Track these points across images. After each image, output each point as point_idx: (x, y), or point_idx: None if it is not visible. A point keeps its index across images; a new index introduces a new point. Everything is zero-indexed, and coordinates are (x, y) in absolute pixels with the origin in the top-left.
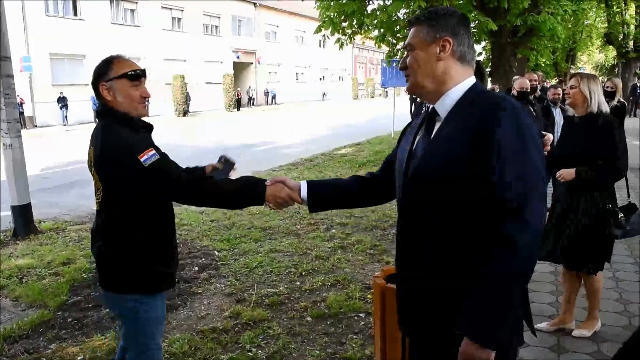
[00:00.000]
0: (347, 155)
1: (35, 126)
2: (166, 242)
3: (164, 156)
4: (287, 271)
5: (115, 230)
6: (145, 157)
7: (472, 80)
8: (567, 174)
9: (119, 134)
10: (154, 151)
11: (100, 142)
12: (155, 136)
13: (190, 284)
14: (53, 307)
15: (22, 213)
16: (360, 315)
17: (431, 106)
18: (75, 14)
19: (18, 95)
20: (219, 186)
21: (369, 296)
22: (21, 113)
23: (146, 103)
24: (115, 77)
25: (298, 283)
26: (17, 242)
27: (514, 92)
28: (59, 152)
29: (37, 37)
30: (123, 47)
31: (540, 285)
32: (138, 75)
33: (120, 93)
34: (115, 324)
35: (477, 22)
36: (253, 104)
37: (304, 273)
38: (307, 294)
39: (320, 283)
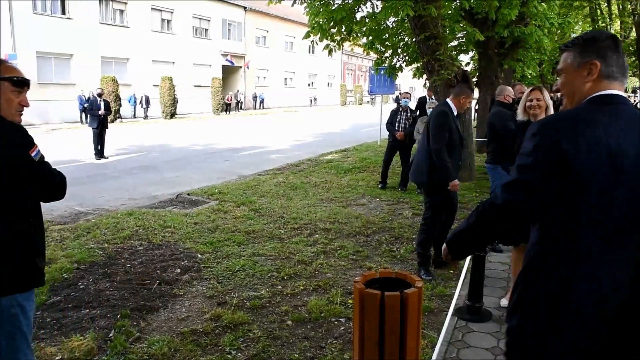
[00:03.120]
0: (333, 161)
1: None
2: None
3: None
4: (269, 275)
5: None
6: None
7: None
8: None
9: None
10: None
11: None
12: (144, 137)
13: (172, 285)
14: None
15: None
16: (341, 320)
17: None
18: (64, 13)
19: None
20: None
21: (349, 301)
22: None
23: (22, 112)
24: (1, 78)
25: (280, 287)
26: None
27: (506, 99)
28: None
29: (24, 35)
30: (111, 47)
31: None
32: (22, 83)
33: (1, 96)
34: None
35: (464, 32)
36: (241, 108)
37: (286, 277)
38: (288, 298)
39: (302, 287)
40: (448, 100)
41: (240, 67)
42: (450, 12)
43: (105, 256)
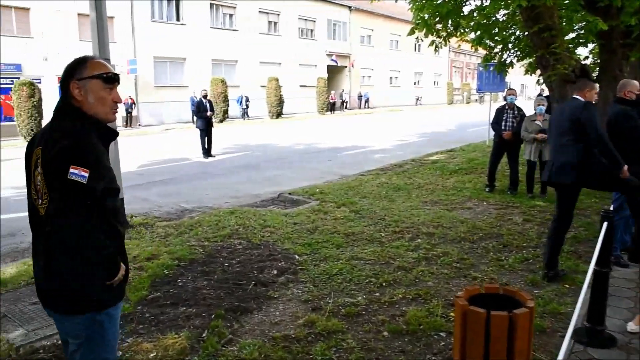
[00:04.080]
0: (438, 162)
1: (140, 125)
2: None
3: (94, 180)
4: (367, 281)
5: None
6: (75, 171)
7: None
8: None
9: (79, 137)
10: (87, 173)
11: (55, 142)
12: (250, 137)
13: (267, 287)
14: (134, 301)
15: None
16: (441, 334)
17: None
18: (178, 19)
19: (129, 96)
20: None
21: (451, 314)
22: (129, 112)
23: (116, 109)
24: (88, 76)
25: (377, 294)
26: None
27: (627, 96)
28: (155, 151)
29: (142, 41)
30: (221, 50)
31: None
32: (112, 79)
33: (92, 94)
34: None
35: (584, 22)
36: (346, 108)
37: (384, 284)
38: (385, 307)
39: (400, 296)
40: (575, 96)
41: (345, 66)
42: (567, 1)
43: (204, 254)
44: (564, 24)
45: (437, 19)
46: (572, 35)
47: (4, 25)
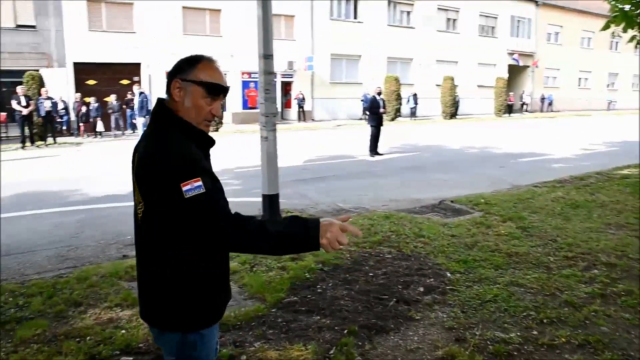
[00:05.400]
0: (629, 177)
1: (313, 120)
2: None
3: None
4: (524, 313)
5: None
6: (188, 186)
7: None
8: None
9: (173, 145)
10: (200, 182)
11: (145, 149)
12: (420, 137)
13: (410, 306)
14: (270, 302)
15: (271, 203)
16: None
17: None
18: (355, 17)
19: (300, 91)
20: (265, 227)
21: None
22: (301, 107)
23: (210, 121)
24: (192, 80)
25: (535, 332)
26: None
27: None
28: (322, 146)
29: (320, 39)
30: (396, 48)
31: None
32: (217, 91)
33: (190, 99)
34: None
35: None
36: (526, 110)
37: (545, 320)
38: (543, 350)
39: (564, 339)
40: None
41: (528, 66)
42: None
43: (350, 260)
44: None
45: (639, 11)
46: None
47: (198, 25)
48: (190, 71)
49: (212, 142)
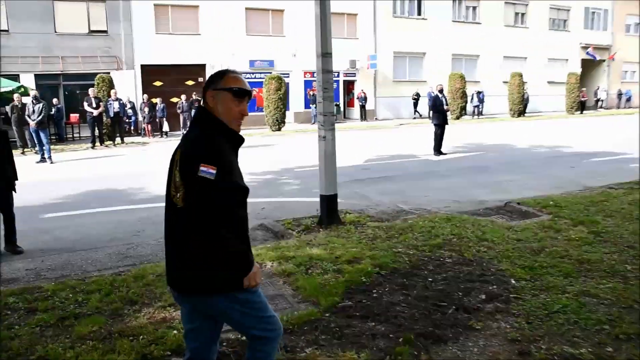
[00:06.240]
0: None
1: (376, 119)
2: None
3: (222, 182)
4: (597, 327)
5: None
6: (204, 168)
7: None
8: None
9: (209, 139)
10: (214, 170)
11: (190, 143)
12: (485, 135)
13: (470, 315)
14: (323, 306)
15: (328, 203)
16: None
17: None
18: (419, 14)
19: (362, 90)
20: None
21: None
22: (363, 106)
23: (240, 121)
24: (221, 88)
25: (609, 349)
26: (320, 230)
27: None
28: (384, 145)
29: (383, 37)
30: (461, 44)
31: None
32: (242, 93)
33: (222, 104)
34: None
35: None
36: (601, 107)
37: (621, 336)
38: None
39: None
40: None
41: (604, 60)
42: None
43: (409, 264)
44: None
45: None
46: None
47: (261, 26)
48: (220, 82)
49: (241, 140)
